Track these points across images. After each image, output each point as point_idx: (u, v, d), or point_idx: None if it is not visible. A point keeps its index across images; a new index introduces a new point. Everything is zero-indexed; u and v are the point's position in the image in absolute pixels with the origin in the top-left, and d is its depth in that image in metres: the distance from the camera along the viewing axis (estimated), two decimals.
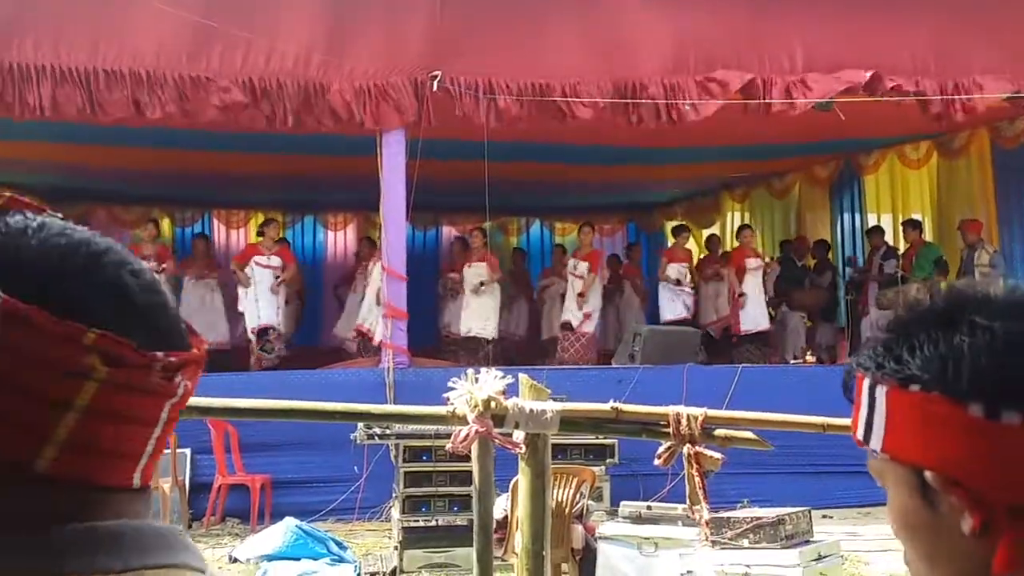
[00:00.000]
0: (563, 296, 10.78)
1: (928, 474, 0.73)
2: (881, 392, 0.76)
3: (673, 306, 10.66)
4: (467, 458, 3.05)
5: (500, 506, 5.26)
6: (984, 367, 0.72)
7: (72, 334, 0.60)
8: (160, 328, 0.65)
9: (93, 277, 0.64)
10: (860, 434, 0.79)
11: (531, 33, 8.15)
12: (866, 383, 0.78)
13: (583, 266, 10.36)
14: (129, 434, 0.64)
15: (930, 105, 8.35)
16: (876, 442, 0.77)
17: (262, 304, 9.74)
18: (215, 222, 13.88)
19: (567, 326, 10.31)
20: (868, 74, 8.15)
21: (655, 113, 8.02)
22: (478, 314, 10.05)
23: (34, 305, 0.59)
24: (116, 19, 7.45)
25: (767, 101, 8.19)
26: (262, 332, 9.73)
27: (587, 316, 10.22)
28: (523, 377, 3.03)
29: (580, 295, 10.25)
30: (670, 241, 11.63)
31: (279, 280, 9.87)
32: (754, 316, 10.50)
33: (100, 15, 7.44)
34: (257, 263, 9.88)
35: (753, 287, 10.54)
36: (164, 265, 9.86)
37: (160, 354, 0.63)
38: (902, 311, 0.81)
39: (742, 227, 11.68)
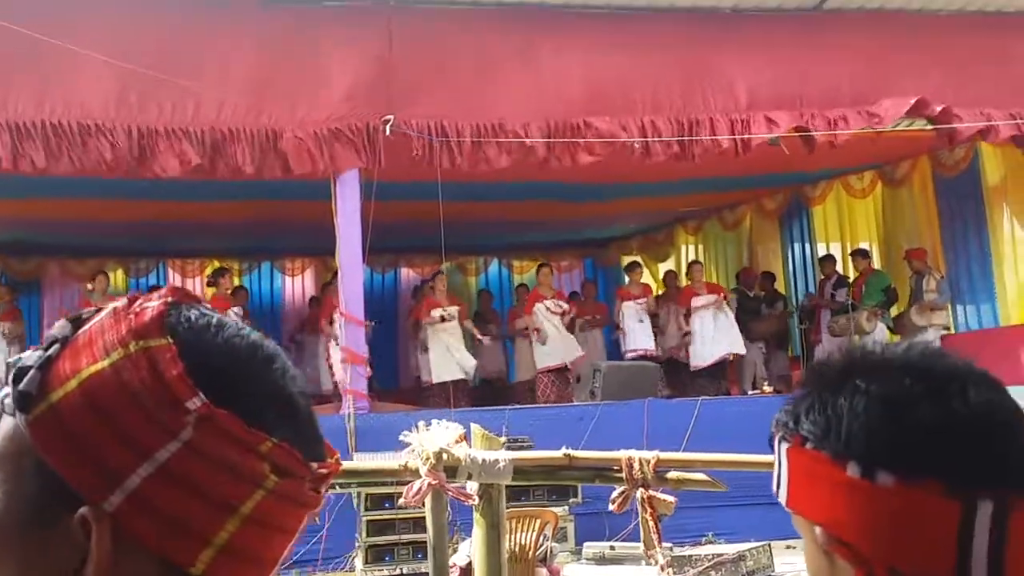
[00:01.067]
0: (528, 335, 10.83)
1: (817, 530, 0.76)
2: (783, 449, 0.80)
3: (634, 341, 10.76)
4: None
5: (464, 552, 5.23)
6: (858, 428, 0.74)
7: (254, 442, 0.62)
8: (313, 438, 0.67)
9: (267, 382, 0.65)
10: (774, 489, 0.82)
11: (480, 76, 8.25)
12: (775, 442, 0.82)
13: (564, 305, 10.52)
14: (276, 542, 0.65)
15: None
16: (783, 497, 0.80)
17: None
18: (170, 271, 13.73)
19: (558, 369, 10.34)
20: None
21: (607, 150, 8.18)
22: (443, 357, 10.06)
23: (224, 409, 0.61)
24: (63, 72, 7.41)
25: (714, 137, 8.37)
26: None
27: (582, 357, 10.29)
28: (475, 428, 3.03)
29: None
30: (626, 278, 11.76)
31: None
32: (702, 351, 10.61)
33: (47, 68, 7.39)
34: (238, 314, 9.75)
35: (704, 323, 10.65)
36: None
37: (315, 466, 0.65)
38: (809, 372, 0.83)
39: (692, 263, 11.84)
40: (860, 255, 10.68)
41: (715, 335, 10.63)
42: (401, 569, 6.84)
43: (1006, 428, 0.74)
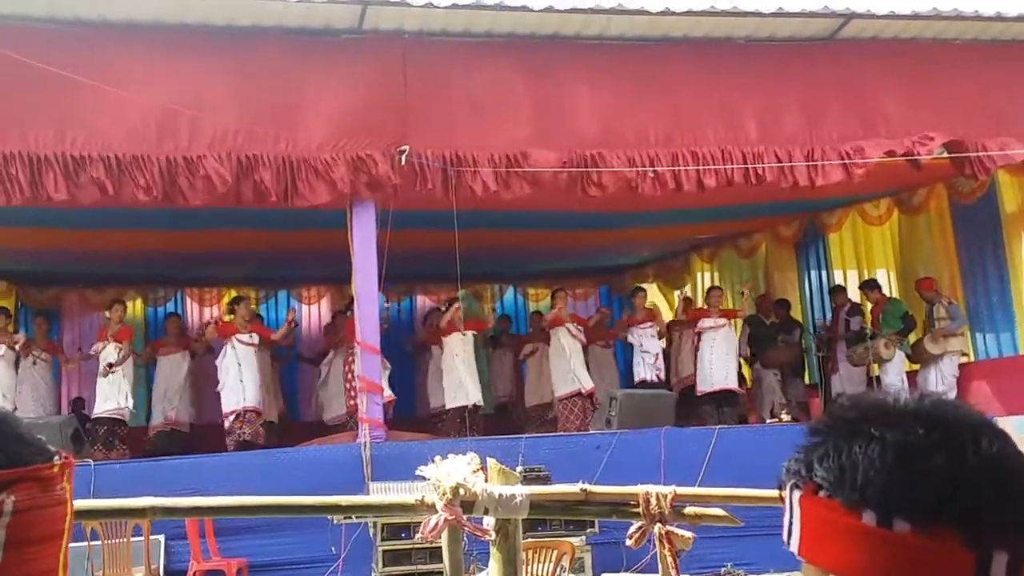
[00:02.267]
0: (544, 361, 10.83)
1: None
2: (796, 496, 0.80)
3: (640, 369, 10.75)
4: None
5: None
6: (874, 477, 0.74)
7: None
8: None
9: None
10: (785, 537, 0.82)
11: (494, 106, 8.32)
12: (788, 487, 0.82)
13: (575, 328, 10.52)
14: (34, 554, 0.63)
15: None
16: (794, 545, 0.80)
17: (247, 384, 9.63)
18: (187, 300, 13.82)
19: (578, 394, 10.33)
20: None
21: (617, 183, 8.22)
22: (457, 383, 10.07)
23: None
24: (85, 105, 7.52)
25: (727, 167, 8.39)
26: (244, 413, 9.59)
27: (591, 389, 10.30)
28: (492, 462, 3.03)
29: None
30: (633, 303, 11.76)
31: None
32: (711, 375, 10.56)
33: (68, 101, 7.50)
34: (240, 341, 9.83)
35: (712, 346, 10.62)
36: (121, 345, 9.82)
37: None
38: (821, 419, 0.83)
39: (711, 288, 11.83)
40: (870, 286, 10.65)
41: (718, 362, 10.60)
42: None
43: (1020, 479, 0.75)
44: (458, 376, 10.07)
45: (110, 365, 9.64)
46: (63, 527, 0.68)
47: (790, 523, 0.81)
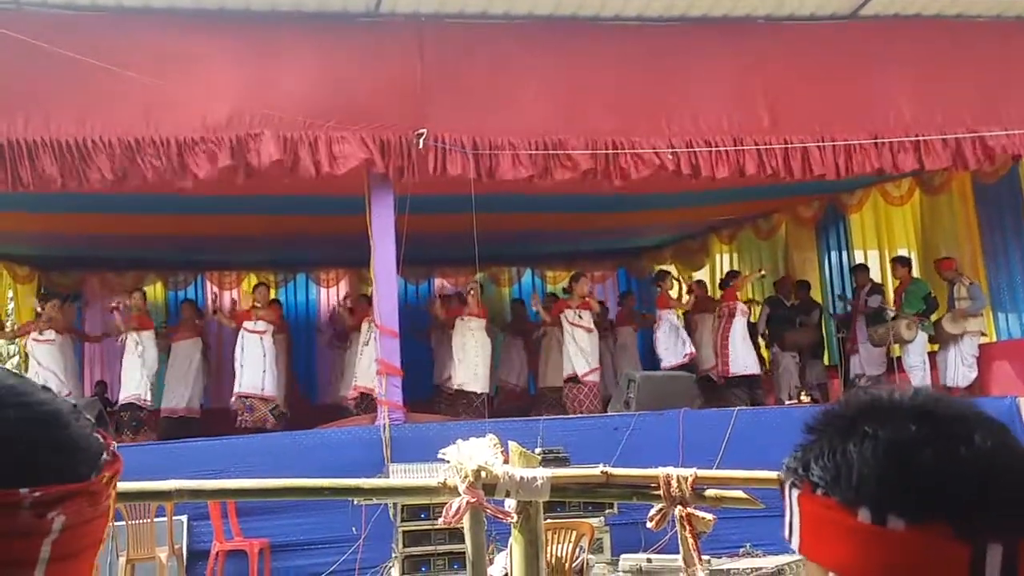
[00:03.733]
0: (559, 346, 10.79)
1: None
2: (794, 494, 0.80)
3: (673, 352, 10.69)
4: None
5: (500, 564, 5.24)
6: (868, 473, 0.75)
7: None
8: (31, 462, 0.61)
9: None
10: (785, 535, 0.83)
11: (512, 89, 8.29)
12: (787, 484, 0.82)
13: (586, 315, 10.43)
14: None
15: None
16: (795, 543, 0.81)
17: (246, 370, 9.79)
18: (208, 284, 13.92)
19: (573, 378, 10.31)
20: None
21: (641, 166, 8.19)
22: (470, 367, 10.08)
23: None
24: (102, 91, 7.55)
25: (741, 147, 8.33)
26: (245, 399, 9.75)
27: (594, 368, 10.26)
28: (513, 445, 3.05)
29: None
30: (658, 288, 11.70)
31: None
32: (744, 359, 10.55)
33: (88, 88, 7.54)
34: (246, 328, 9.97)
35: (739, 330, 10.61)
36: (140, 335, 9.91)
37: (25, 491, 0.60)
38: (818, 418, 0.84)
39: (732, 272, 11.78)
40: (900, 262, 10.54)
41: (747, 346, 10.59)
42: None
43: (1013, 472, 0.75)
44: (474, 360, 10.09)
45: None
46: (103, 536, 0.67)
47: (790, 521, 0.81)
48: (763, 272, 11.36)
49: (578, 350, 10.25)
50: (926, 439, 0.75)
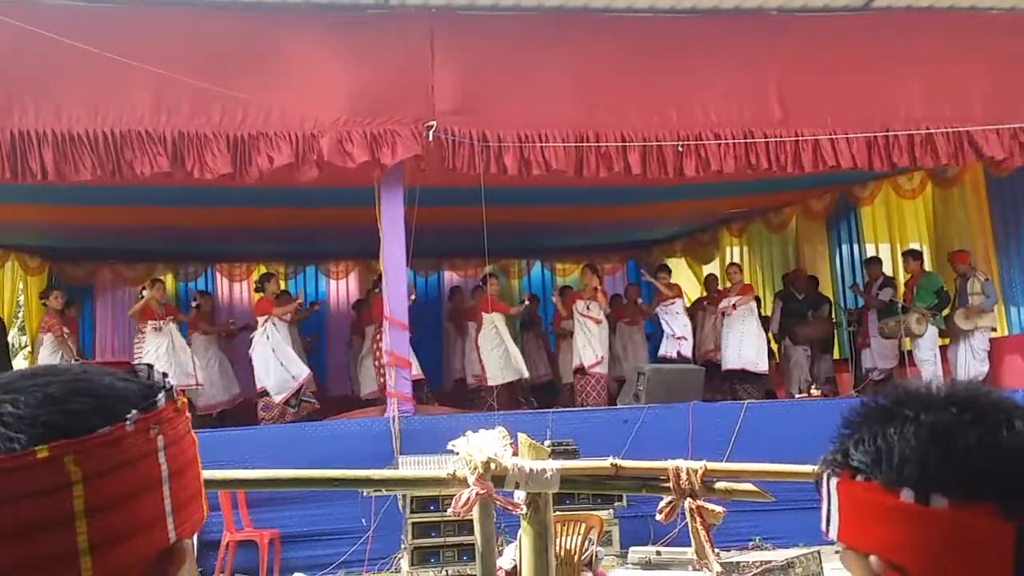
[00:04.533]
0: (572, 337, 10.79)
1: (872, 559, 0.78)
2: (833, 483, 0.82)
3: (669, 344, 10.69)
4: None
5: (509, 556, 5.25)
6: (910, 455, 0.76)
7: (31, 461, 0.65)
8: (88, 408, 0.69)
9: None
10: (823, 526, 0.84)
11: (522, 81, 8.27)
12: (825, 476, 0.84)
13: (595, 307, 10.42)
14: (141, 505, 0.69)
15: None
16: (833, 532, 0.82)
17: (291, 361, 9.66)
18: (218, 275, 13.95)
19: (580, 370, 10.32)
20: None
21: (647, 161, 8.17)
22: (490, 361, 10.10)
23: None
24: (114, 83, 7.57)
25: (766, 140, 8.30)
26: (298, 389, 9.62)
27: (601, 359, 10.26)
28: (522, 436, 3.05)
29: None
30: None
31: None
32: (739, 353, 10.51)
33: (98, 80, 7.56)
34: (283, 319, 9.86)
35: (732, 324, 10.57)
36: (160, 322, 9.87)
37: (127, 420, 0.68)
38: (855, 409, 0.85)
39: (728, 265, 11.75)
40: (912, 256, 10.48)
41: (743, 341, 10.54)
42: (447, 571, 6.88)
43: None
44: (502, 351, 10.10)
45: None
46: (196, 452, 0.77)
47: (828, 511, 0.83)
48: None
49: (586, 341, 10.25)
50: (969, 423, 0.77)
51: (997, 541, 0.73)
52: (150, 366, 0.77)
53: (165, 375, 0.77)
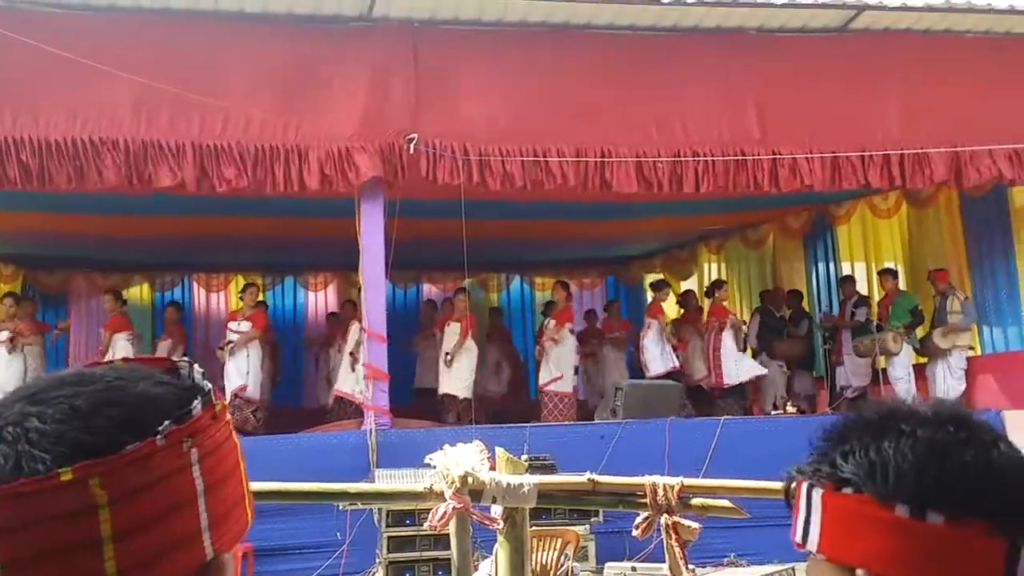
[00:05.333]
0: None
1: (860, 572, 0.78)
2: (817, 495, 0.81)
3: (661, 361, 10.69)
4: None
5: (485, 570, 5.23)
6: (907, 470, 0.77)
7: (55, 484, 0.62)
8: (117, 422, 0.65)
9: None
10: (798, 536, 0.84)
11: (503, 96, 8.31)
12: (803, 488, 0.83)
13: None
14: (172, 524, 0.65)
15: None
16: (812, 543, 0.82)
17: (229, 370, 9.75)
18: (195, 286, 13.85)
19: (545, 387, 10.31)
20: None
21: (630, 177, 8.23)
22: (454, 374, 10.06)
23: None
24: (92, 91, 7.53)
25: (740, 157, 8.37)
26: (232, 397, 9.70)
27: (559, 377, 10.21)
28: (500, 451, 3.04)
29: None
30: (650, 295, 11.71)
31: (229, 342, 9.86)
32: (736, 370, 10.57)
33: (77, 87, 7.52)
34: (230, 328, 9.95)
35: (731, 343, 10.64)
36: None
37: (157, 436, 0.65)
38: (842, 420, 0.85)
39: (718, 282, 11.80)
40: (888, 274, 10.59)
41: (741, 357, 10.61)
42: None
43: None
44: (467, 365, 10.07)
45: None
46: (238, 457, 0.73)
47: (807, 522, 0.82)
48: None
49: (557, 358, 10.24)
50: (965, 441, 0.78)
51: (988, 557, 0.74)
52: (191, 363, 0.73)
53: (204, 374, 0.73)
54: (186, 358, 0.73)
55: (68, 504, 0.62)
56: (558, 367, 10.20)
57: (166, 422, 0.66)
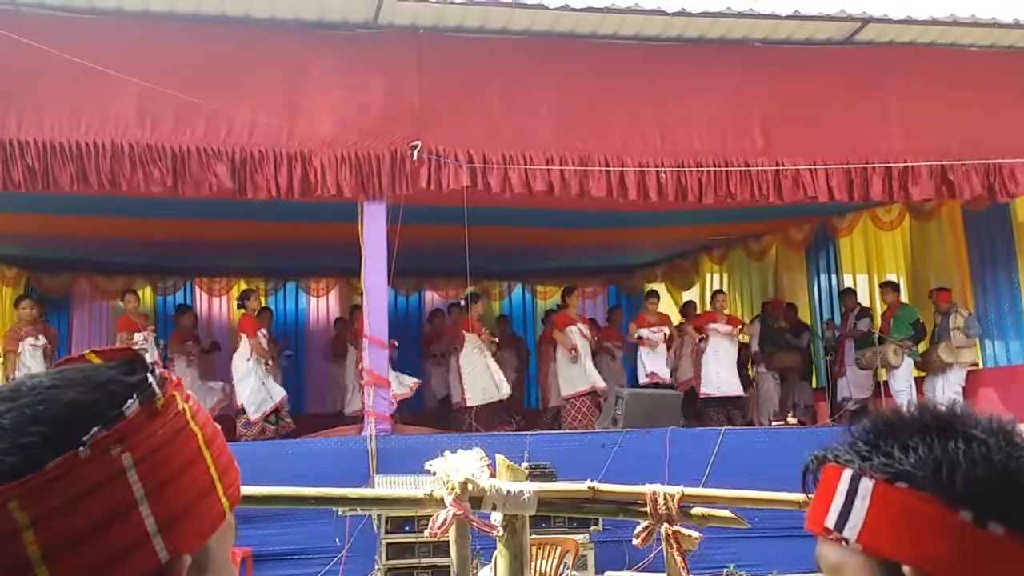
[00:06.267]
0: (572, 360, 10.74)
1: (906, 569, 0.77)
2: (867, 485, 0.79)
3: (647, 367, 10.70)
4: None
5: None
6: (979, 477, 0.76)
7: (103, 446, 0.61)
8: (41, 439, 0.62)
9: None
10: (831, 522, 0.82)
11: (508, 103, 8.32)
12: (846, 474, 0.81)
13: (586, 329, 10.47)
14: (110, 535, 0.62)
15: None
16: (851, 532, 0.80)
17: (269, 381, 9.62)
18: (197, 290, 13.86)
19: (590, 392, 10.29)
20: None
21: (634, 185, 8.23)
22: (468, 382, 10.07)
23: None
24: (97, 94, 7.55)
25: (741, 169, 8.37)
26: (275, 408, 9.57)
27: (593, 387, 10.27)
28: (500, 458, 3.04)
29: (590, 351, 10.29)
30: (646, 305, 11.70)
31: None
32: (717, 379, 10.55)
33: (81, 90, 7.54)
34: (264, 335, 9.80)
35: (718, 350, 10.60)
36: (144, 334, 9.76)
37: (81, 448, 0.61)
38: (886, 415, 0.84)
39: (716, 292, 11.82)
40: (889, 287, 10.59)
41: (729, 367, 10.58)
42: None
43: None
44: (484, 370, 10.07)
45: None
46: (198, 446, 0.68)
47: (846, 509, 0.80)
48: (496, 339, 11.07)
49: (590, 363, 10.31)
50: (1021, 456, 0.79)
51: None
52: (137, 355, 0.69)
53: (154, 366, 0.69)
54: (143, 346, 0.70)
55: None
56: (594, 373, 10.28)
57: (93, 429, 0.63)
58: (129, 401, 0.65)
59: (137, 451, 0.64)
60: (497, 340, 10.44)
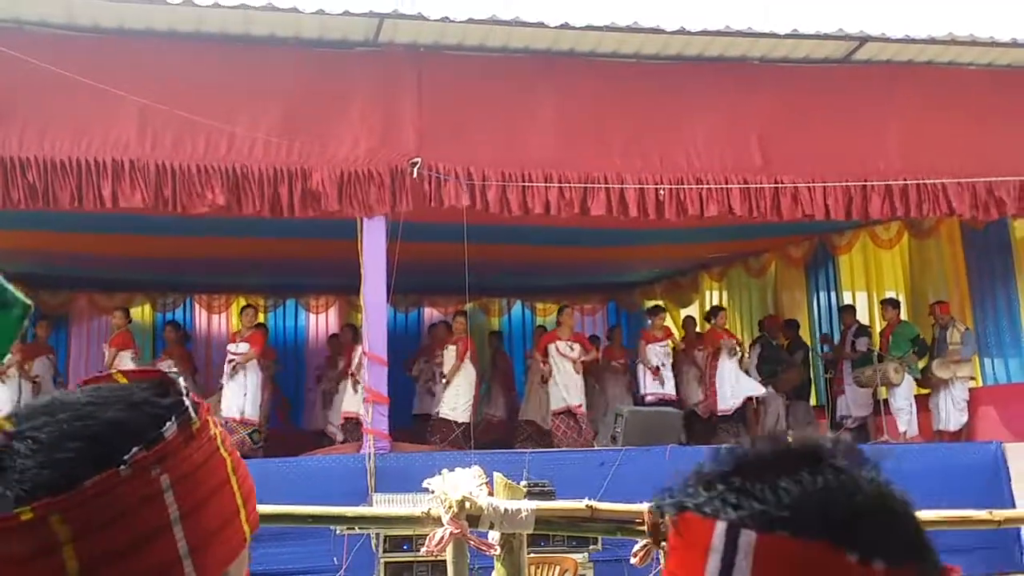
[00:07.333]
0: (543, 379, 10.70)
1: None
2: (747, 539, 0.71)
3: (653, 386, 10.67)
4: None
5: None
6: (856, 512, 0.71)
7: (19, 522, 0.61)
8: (80, 455, 0.63)
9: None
10: None
11: (507, 122, 8.35)
12: (720, 528, 0.72)
13: (577, 348, 10.41)
14: (146, 555, 0.63)
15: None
16: None
17: (225, 393, 9.70)
18: (196, 307, 13.86)
19: (565, 411, 10.24)
20: None
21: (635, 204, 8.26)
22: (449, 397, 10.04)
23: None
24: (97, 111, 7.57)
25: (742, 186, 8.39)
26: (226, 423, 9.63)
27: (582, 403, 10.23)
28: (498, 476, 3.03)
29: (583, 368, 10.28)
30: (649, 322, 11.71)
31: (231, 363, 9.81)
32: (731, 395, 10.53)
33: (81, 108, 7.56)
34: (230, 351, 9.92)
35: (728, 368, 10.60)
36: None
37: (122, 467, 0.62)
38: (742, 452, 0.77)
39: (716, 308, 11.80)
40: (890, 304, 10.58)
41: (738, 380, 10.56)
42: None
43: None
44: (467, 390, 10.04)
45: None
46: (227, 472, 0.69)
47: (726, 565, 0.71)
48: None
49: (570, 382, 10.22)
50: (898, 490, 0.75)
51: None
52: (175, 378, 0.70)
53: (187, 389, 0.71)
54: (174, 370, 0.72)
55: (31, 543, 0.60)
56: (582, 390, 10.26)
57: (134, 449, 0.64)
58: (168, 423, 0.66)
59: (174, 473, 0.66)
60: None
